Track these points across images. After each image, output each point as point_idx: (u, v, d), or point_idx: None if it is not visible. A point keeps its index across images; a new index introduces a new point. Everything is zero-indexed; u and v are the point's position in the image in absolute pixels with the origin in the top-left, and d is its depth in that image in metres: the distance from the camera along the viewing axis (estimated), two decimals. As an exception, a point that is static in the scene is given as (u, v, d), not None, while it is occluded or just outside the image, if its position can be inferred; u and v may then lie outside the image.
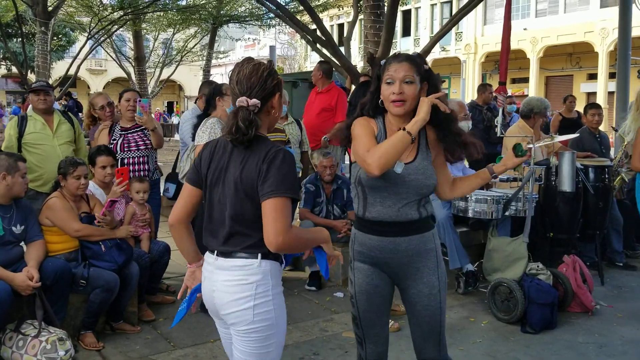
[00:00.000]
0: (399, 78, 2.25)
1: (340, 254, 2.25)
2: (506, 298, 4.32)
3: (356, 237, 2.39)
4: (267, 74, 2.07)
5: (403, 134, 2.16)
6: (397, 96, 2.24)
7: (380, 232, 2.31)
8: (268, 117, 2.12)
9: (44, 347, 3.37)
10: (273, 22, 19.88)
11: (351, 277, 2.40)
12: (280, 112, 2.19)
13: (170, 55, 24.40)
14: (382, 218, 2.29)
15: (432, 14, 34.50)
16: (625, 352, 3.86)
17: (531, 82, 29.44)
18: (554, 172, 4.98)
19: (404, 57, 2.31)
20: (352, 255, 2.39)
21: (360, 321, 2.41)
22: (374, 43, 7.46)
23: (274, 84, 2.09)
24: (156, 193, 5.01)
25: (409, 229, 2.33)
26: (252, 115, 2.01)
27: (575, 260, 4.63)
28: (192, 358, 3.70)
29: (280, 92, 2.13)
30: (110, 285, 3.76)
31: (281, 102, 2.16)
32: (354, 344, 3.92)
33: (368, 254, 2.34)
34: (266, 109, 2.09)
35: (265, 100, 2.07)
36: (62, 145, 4.71)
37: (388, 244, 2.32)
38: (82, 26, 19.53)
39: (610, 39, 25.05)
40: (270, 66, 2.12)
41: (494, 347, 3.90)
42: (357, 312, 2.41)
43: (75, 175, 3.90)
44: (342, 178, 5.53)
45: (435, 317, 2.40)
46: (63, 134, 4.76)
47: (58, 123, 4.76)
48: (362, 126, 2.33)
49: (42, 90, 4.73)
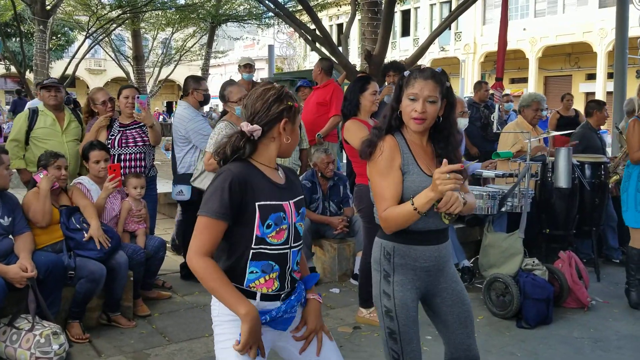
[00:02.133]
0: (423, 97, 2.22)
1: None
2: (502, 293, 4.32)
3: (395, 250, 2.31)
4: (274, 100, 2.02)
5: (413, 213, 2.14)
6: (420, 114, 2.23)
7: (425, 242, 2.30)
8: (274, 143, 2.05)
9: (38, 341, 3.37)
10: (272, 21, 19.91)
11: (388, 292, 2.32)
12: (294, 138, 2.09)
13: (169, 54, 24.40)
14: (429, 228, 2.29)
15: (432, 14, 34.51)
16: (621, 347, 3.86)
17: (530, 82, 29.45)
18: (550, 168, 4.99)
19: (430, 74, 2.26)
20: (389, 269, 2.32)
21: (399, 336, 2.32)
22: (371, 40, 7.47)
23: (280, 110, 2.01)
24: (153, 190, 5.00)
25: (446, 235, 2.39)
26: (242, 143, 2.00)
27: (571, 256, 4.63)
28: (187, 352, 3.69)
29: (289, 119, 2.04)
30: (95, 276, 3.75)
31: (293, 128, 2.08)
32: (349, 338, 3.96)
33: (413, 264, 2.31)
34: (270, 135, 2.04)
35: (269, 127, 2.02)
36: (70, 142, 4.77)
37: (433, 252, 2.32)
38: (80, 25, 19.54)
39: (608, 39, 25.05)
40: (281, 91, 2.05)
41: (489, 342, 3.90)
42: (396, 326, 2.31)
43: (56, 166, 3.94)
44: (338, 174, 5.53)
45: (472, 311, 2.43)
46: (72, 132, 4.84)
47: (69, 120, 4.84)
48: (385, 164, 2.25)
49: (53, 86, 4.80)
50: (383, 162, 2.26)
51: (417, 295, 2.36)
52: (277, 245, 2.01)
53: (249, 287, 2.00)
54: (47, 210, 3.81)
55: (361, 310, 4.25)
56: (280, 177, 2.10)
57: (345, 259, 5.26)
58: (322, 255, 5.32)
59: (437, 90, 2.24)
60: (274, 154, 2.08)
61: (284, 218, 2.01)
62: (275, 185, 2.04)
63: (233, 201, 1.92)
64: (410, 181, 2.25)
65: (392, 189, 2.23)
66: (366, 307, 4.21)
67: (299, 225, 2.09)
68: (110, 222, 4.28)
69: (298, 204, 2.10)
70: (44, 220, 3.80)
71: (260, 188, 1.99)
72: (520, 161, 4.81)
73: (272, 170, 2.08)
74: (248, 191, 1.95)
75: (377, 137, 2.31)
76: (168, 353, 3.69)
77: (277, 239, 2.00)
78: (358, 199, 4.14)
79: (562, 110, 8.83)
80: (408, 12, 36.21)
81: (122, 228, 4.39)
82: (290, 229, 2.04)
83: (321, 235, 5.36)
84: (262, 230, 1.97)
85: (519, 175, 4.65)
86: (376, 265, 2.38)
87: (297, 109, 2.07)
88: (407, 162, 2.27)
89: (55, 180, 3.91)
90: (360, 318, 4.23)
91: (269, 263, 2.00)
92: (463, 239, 5.25)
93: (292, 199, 2.08)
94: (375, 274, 2.39)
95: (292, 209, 2.05)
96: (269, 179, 2.04)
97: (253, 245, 1.98)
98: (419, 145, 2.33)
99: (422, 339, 3.82)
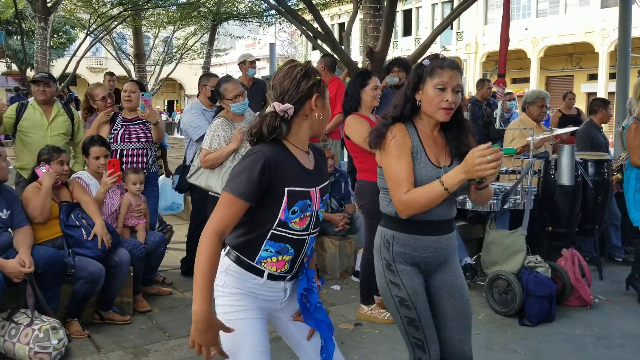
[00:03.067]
0: (453, 86, 2.22)
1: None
2: (504, 291, 4.29)
3: (395, 239, 2.30)
4: (302, 76, 1.98)
5: (442, 192, 2.11)
6: (450, 104, 2.22)
7: (426, 232, 2.28)
8: (307, 121, 2.01)
9: (37, 335, 3.34)
10: (273, 19, 19.89)
11: (396, 281, 2.29)
12: (326, 113, 2.05)
13: (171, 52, 24.39)
14: (431, 218, 2.26)
15: (433, 14, 34.49)
16: (624, 344, 3.84)
17: (532, 82, 29.42)
18: (553, 165, 4.97)
19: (455, 64, 2.26)
20: (389, 257, 2.30)
21: (421, 322, 2.28)
22: (373, 37, 7.44)
23: (309, 85, 1.98)
24: (155, 185, 4.98)
25: (451, 227, 2.35)
26: (277, 122, 1.96)
27: (574, 254, 4.60)
28: (187, 348, 3.66)
29: (320, 93, 2.01)
30: (94, 277, 3.72)
31: (324, 103, 2.04)
32: (350, 335, 3.93)
33: (411, 254, 2.29)
34: (302, 113, 1.99)
35: (301, 104, 1.98)
36: (55, 136, 4.73)
37: (433, 242, 2.29)
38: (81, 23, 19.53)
39: (610, 39, 25.04)
40: (307, 66, 2.03)
41: (491, 339, 3.87)
42: (416, 314, 2.28)
43: (59, 161, 3.92)
44: (339, 171, 5.51)
45: (469, 308, 2.39)
46: (58, 126, 4.79)
47: (56, 115, 4.78)
48: (397, 147, 2.23)
49: (42, 81, 4.76)
50: (395, 145, 2.24)
51: (422, 280, 2.34)
52: (298, 231, 1.99)
53: (259, 263, 1.99)
54: (47, 207, 3.78)
55: (362, 307, 4.22)
56: (310, 161, 2.06)
57: (347, 256, 5.23)
58: (323, 253, 5.29)
59: (461, 79, 2.25)
60: (306, 135, 2.03)
61: (309, 205, 1.99)
62: (305, 170, 2.00)
63: (261, 184, 1.89)
64: (417, 169, 2.23)
65: (408, 171, 2.21)
66: (367, 303, 4.19)
67: (320, 212, 2.06)
68: (110, 217, 4.25)
69: (323, 190, 2.07)
70: (42, 217, 3.77)
71: (291, 173, 1.95)
72: (523, 158, 4.78)
73: (303, 153, 2.03)
74: (278, 175, 1.91)
75: (386, 126, 2.30)
76: (168, 348, 3.66)
77: (299, 225, 1.98)
78: (359, 195, 4.11)
79: (564, 108, 8.85)
80: (410, 11, 36.21)
81: (122, 223, 4.37)
82: (313, 216, 2.02)
83: (322, 232, 5.33)
84: (287, 215, 1.94)
85: (521, 172, 4.62)
86: (377, 255, 2.37)
87: (324, 83, 2.04)
88: (416, 151, 2.25)
89: (58, 176, 3.88)
90: (362, 315, 4.20)
91: (285, 246, 1.98)
92: (465, 236, 5.21)
93: (318, 185, 2.04)
94: (377, 263, 2.37)
95: (317, 196, 2.02)
96: (299, 164, 1.99)
97: (275, 226, 1.95)
98: (430, 136, 2.31)
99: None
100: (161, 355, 3.56)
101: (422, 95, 2.26)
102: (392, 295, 2.31)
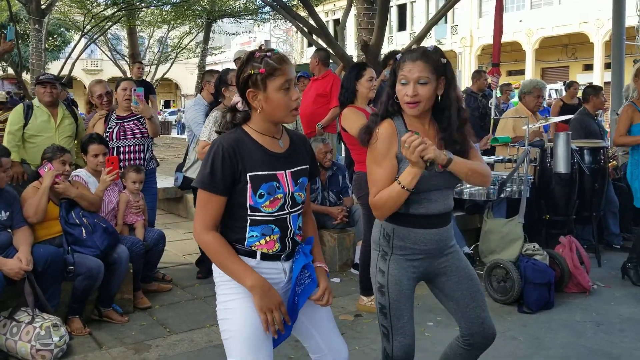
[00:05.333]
0: (413, 79, 2.15)
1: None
2: (502, 279, 4.30)
3: (395, 232, 2.28)
4: (240, 70, 1.95)
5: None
6: (412, 98, 2.17)
7: (427, 225, 2.26)
8: (257, 112, 1.97)
9: (38, 333, 3.35)
10: (267, 16, 19.87)
11: (383, 268, 2.30)
12: (271, 105, 1.94)
13: (166, 52, 24.37)
14: (432, 212, 2.25)
15: (428, 8, 34.48)
16: (623, 329, 3.86)
17: (527, 74, 29.46)
18: (549, 153, 4.98)
19: (419, 55, 2.18)
20: (388, 249, 2.30)
21: (389, 311, 2.29)
22: (367, 31, 7.44)
23: (247, 75, 1.92)
24: (152, 182, 4.99)
25: (449, 219, 2.34)
26: (232, 115, 2.01)
27: (571, 241, 4.61)
28: (188, 342, 3.68)
29: (256, 86, 1.93)
30: (93, 273, 3.72)
31: (266, 95, 1.93)
32: (350, 326, 3.95)
33: (412, 247, 2.28)
34: (252, 105, 1.98)
35: (244, 94, 1.97)
36: (63, 139, 4.68)
37: (434, 235, 2.28)
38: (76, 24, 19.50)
39: (605, 29, 25.06)
40: (246, 57, 1.96)
41: (490, 327, 3.89)
42: (387, 301, 2.29)
43: (62, 161, 3.91)
44: (337, 164, 5.52)
45: (480, 287, 2.40)
46: (65, 128, 4.76)
47: (62, 117, 4.75)
48: (380, 151, 2.21)
49: (49, 82, 4.71)
50: (378, 149, 2.22)
51: (415, 275, 2.32)
52: (273, 213, 1.99)
53: (250, 247, 2.01)
54: (42, 208, 3.75)
55: (362, 299, 4.24)
56: (281, 145, 2.04)
57: (346, 248, 5.24)
58: (322, 246, 5.31)
59: (428, 70, 2.15)
60: (264, 122, 2.00)
61: (278, 187, 1.98)
62: (270, 154, 2.00)
63: (227, 174, 1.92)
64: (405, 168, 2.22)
65: (385, 177, 2.20)
66: (367, 295, 4.20)
67: (297, 195, 2.05)
68: (108, 214, 4.26)
69: (297, 173, 2.05)
70: (35, 217, 3.74)
71: (252, 158, 1.95)
72: (518, 146, 4.79)
73: (269, 138, 2.02)
74: (239, 162, 1.93)
75: (374, 123, 2.27)
76: (169, 343, 3.68)
77: (271, 207, 1.98)
78: (357, 187, 4.12)
79: (566, 98, 8.86)
80: (404, 6, 36.22)
81: (121, 221, 4.38)
82: (287, 198, 2.01)
83: (321, 226, 5.33)
84: (255, 200, 1.96)
85: (517, 160, 4.63)
86: (375, 246, 2.36)
87: (265, 75, 1.91)
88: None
89: (59, 175, 3.87)
90: (361, 306, 4.22)
91: (268, 226, 1.99)
92: (463, 226, 5.24)
93: (290, 168, 2.03)
94: (373, 253, 2.37)
95: (288, 179, 2.01)
96: (264, 148, 1.99)
97: (249, 213, 1.98)
98: (419, 129, 2.27)
99: (424, 325, 3.84)
100: (162, 350, 3.57)
101: (396, 91, 2.24)
102: (376, 281, 2.33)
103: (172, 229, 6.82)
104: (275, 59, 1.93)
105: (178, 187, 5.25)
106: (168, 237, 4.99)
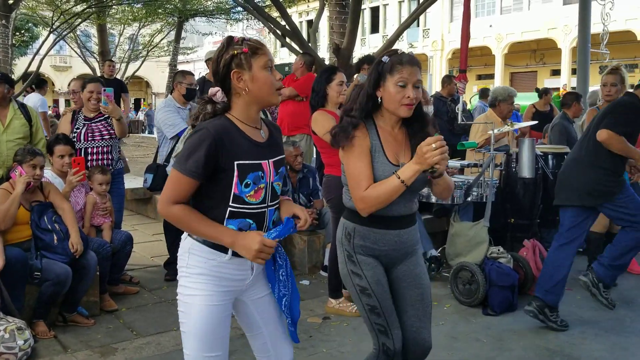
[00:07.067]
0: (413, 82, 2.25)
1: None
2: (468, 281, 4.38)
3: (356, 231, 2.34)
4: (218, 54, 1.96)
5: (399, 185, 2.16)
6: (412, 100, 2.24)
7: (387, 226, 2.32)
8: (241, 98, 1.97)
9: (2, 336, 3.31)
10: (240, 16, 19.80)
11: (357, 271, 2.34)
12: (258, 85, 1.95)
13: (136, 50, 24.08)
14: (392, 214, 2.30)
15: (400, 11, 34.77)
16: (583, 332, 3.96)
17: (496, 78, 29.92)
18: (514, 158, 5.08)
19: (416, 61, 2.30)
20: (350, 249, 2.35)
21: (382, 310, 2.34)
22: (339, 34, 7.50)
23: (227, 62, 1.93)
24: (120, 183, 4.94)
25: (411, 221, 2.39)
26: (209, 107, 1.98)
27: (535, 245, 4.72)
28: (155, 346, 3.67)
29: (240, 67, 1.93)
30: (60, 279, 3.68)
31: (252, 74, 1.93)
32: (319, 329, 3.98)
33: (372, 247, 2.33)
34: (234, 92, 1.97)
35: (225, 83, 1.97)
36: (12, 141, 4.43)
37: (393, 236, 2.33)
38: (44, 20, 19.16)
39: (572, 36, 25.54)
40: (226, 41, 1.96)
41: (455, 329, 3.96)
42: (376, 301, 2.34)
43: (31, 164, 3.83)
44: (307, 167, 5.54)
45: (428, 297, 2.44)
46: (15, 130, 4.48)
47: (12, 118, 4.48)
48: (357, 147, 2.25)
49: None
50: (357, 145, 2.27)
51: (382, 266, 2.38)
52: (255, 205, 1.98)
53: None
54: (10, 215, 3.68)
55: (330, 301, 4.27)
56: (262, 136, 2.05)
57: (315, 251, 5.27)
58: (292, 248, 5.33)
59: (420, 74, 2.29)
60: (247, 110, 2.00)
61: (262, 177, 1.99)
62: (254, 143, 2.00)
63: (209, 161, 1.88)
64: (375, 168, 2.26)
65: (368, 170, 2.25)
66: (335, 297, 4.24)
67: (276, 184, 2.06)
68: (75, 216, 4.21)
69: (278, 163, 2.07)
70: (3, 224, 3.66)
71: (239, 146, 1.94)
72: (484, 151, 4.88)
73: (251, 128, 2.01)
74: (225, 150, 1.90)
75: (353, 125, 2.29)
76: (136, 347, 3.65)
77: (255, 198, 1.97)
78: (327, 190, 4.16)
79: (539, 104, 8.89)
80: (377, 9, 36.45)
81: (88, 223, 4.34)
82: (268, 188, 2.01)
83: (290, 228, 5.35)
84: (240, 189, 1.94)
85: (483, 165, 4.72)
86: (339, 246, 2.41)
87: (248, 54, 1.93)
88: (375, 149, 2.28)
89: (30, 180, 3.79)
90: (330, 308, 4.25)
91: (246, 221, 1.98)
92: (431, 229, 5.31)
93: (271, 157, 2.04)
94: (339, 254, 2.42)
95: (270, 168, 2.02)
96: (248, 137, 1.98)
97: (230, 203, 1.95)
98: (390, 133, 2.33)
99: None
100: (128, 354, 3.55)
101: (384, 93, 2.28)
102: (353, 284, 2.37)
103: (140, 231, 6.77)
104: (254, 41, 1.99)
105: (147, 188, 5.14)
106: (136, 238, 4.96)
